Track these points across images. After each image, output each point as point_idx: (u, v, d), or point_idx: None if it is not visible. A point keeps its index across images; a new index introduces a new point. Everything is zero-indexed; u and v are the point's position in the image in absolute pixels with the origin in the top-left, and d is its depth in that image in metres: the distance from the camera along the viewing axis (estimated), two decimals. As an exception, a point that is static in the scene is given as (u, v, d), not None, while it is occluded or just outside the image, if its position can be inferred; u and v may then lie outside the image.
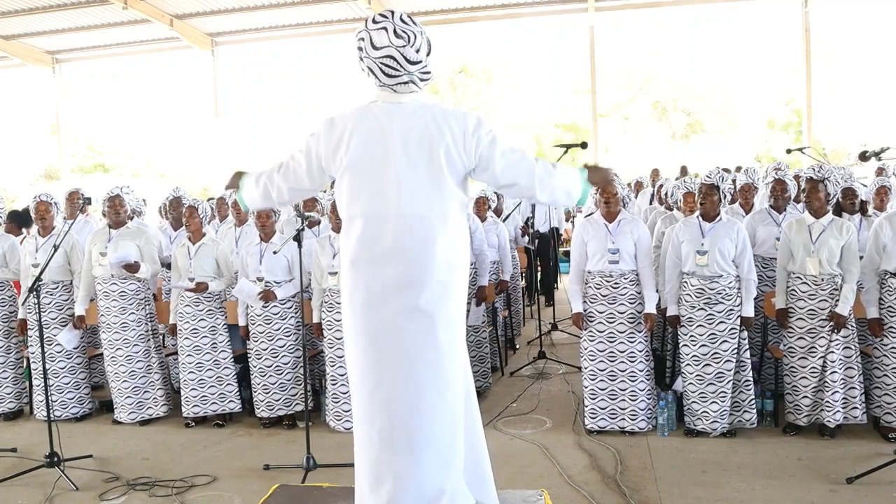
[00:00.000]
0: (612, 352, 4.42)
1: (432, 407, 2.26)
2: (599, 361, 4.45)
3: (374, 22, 2.26)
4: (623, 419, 4.41)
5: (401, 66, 2.25)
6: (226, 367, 4.97)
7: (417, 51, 2.26)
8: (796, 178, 5.38)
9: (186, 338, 4.93)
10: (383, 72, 2.27)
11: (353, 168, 2.28)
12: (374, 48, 2.25)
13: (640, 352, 4.41)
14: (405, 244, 2.23)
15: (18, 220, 6.57)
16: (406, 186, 2.23)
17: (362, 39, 2.27)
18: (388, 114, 2.28)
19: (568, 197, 2.40)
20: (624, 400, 4.40)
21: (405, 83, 2.28)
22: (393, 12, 2.27)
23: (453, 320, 2.30)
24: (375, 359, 2.27)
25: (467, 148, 2.26)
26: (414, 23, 2.28)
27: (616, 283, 4.40)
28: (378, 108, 2.31)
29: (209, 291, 4.93)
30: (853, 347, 4.21)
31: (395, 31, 2.23)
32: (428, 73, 2.32)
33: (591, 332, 4.48)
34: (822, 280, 4.19)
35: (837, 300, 4.16)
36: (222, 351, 4.97)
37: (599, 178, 2.45)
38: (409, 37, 2.24)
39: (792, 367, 4.29)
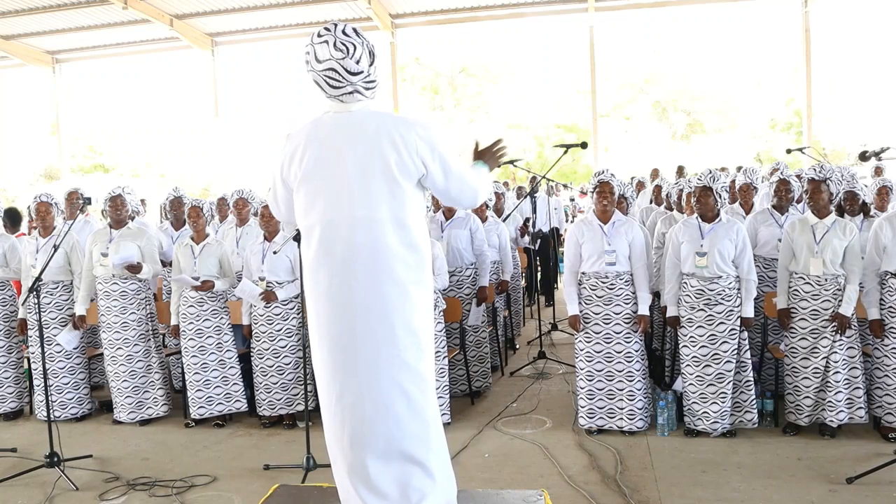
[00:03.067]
0: (608, 352, 4.42)
1: (400, 407, 2.29)
2: (597, 362, 4.44)
3: (319, 36, 2.31)
4: (621, 419, 4.41)
5: (343, 77, 2.30)
6: (231, 367, 4.97)
7: (357, 62, 2.30)
8: (798, 178, 5.38)
9: (191, 339, 4.93)
10: (328, 83, 2.32)
11: (307, 178, 2.33)
12: (318, 61, 2.30)
13: (637, 352, 4.40)
14: (359, 248, 2.26)
15: (12, 218, 6.57)
16: (358, 191, 2.27)
17: (308, 53, 2.33)
18: (338, 123, 2.34)
19: (484, 194, 2.53)
20: (622, 399, 4.40)
21: (350, 93, 2.33)
22: (336, 25, 2.31)
23: (413, 318, 2.31)
24: (339, 362, 2.31)
25: (419, 155, 2.30)
26: (357, 34, 2.32)
27: (612, 285, 4.40)
28: (329, 119, 2.36)
29: (212, 291, 4.93)
30: (856, 347, 4.21)
31: (334, 44, 2.27)
32: (372, 82, 2.36)
33: (586, 333, 4.47)
34: (826, 280, 4.19)
35: (840, 301, 4.16)
36: (227, 350, 4.97)
37: (490, 157, 2.61)
38: (347, 49, 2.28)
39: (794, 367, 4.29)
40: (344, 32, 2.29)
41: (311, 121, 2.39)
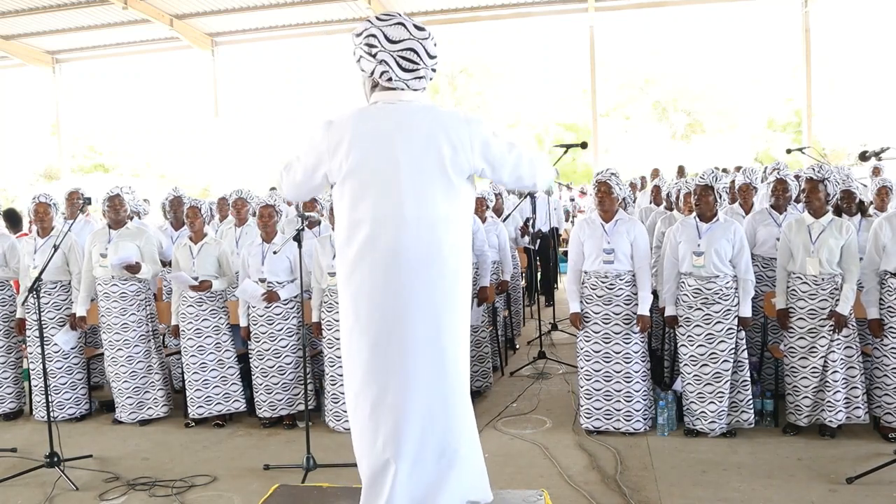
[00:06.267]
0: (607, 353, 4.42)
1: (438, 412, 2.24)
2: (595, 362, 4.45)
3: (381, 20, 2.22)
4: (618, 420, 4.41)
5: (421, 58, 2.22)
6: (230, 367, 4.97)
7: (435, 45, 2.26)
8: (796, 177, 5.38)
9: (190, 338, 4.94)
10: (400, 66, 2.21)
11: (356, 172, 2.23)
12: (391, 42, 2.20)
13: (636, 353, 4.40)
14: (409, 248, 2.19)
15: (11, 219, 6.57)
16: (410, 190, 2.19)
17: (373, 36, 2.21)
18: (389, 115, 2.24)
19: (545, 182, 2.45)
20: (619, 401, 4.40)
21: (420, 78, 2.25)
22: (399, 14, 2.25)
23: (457, 324, 2.28)
24: (380, 364, 2.24)
25: (473, 151, 2.23)
26: None
27: (612, 284, 4.40)
28: (378, 110, 2.26)
29: (211, 291, 4.93)
30: (854, 347, 4.22)
31: (414, 25, 2.22)
32: (435, 70, 2.31)
33: (586, 332, 4.48)
34: (823, 280, 4.19)
35: (838, 300, 4.16)
36: (226, 350, 4.97)
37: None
38: (427, 30, 2.23)
39: (793, 367, 4.29)
40: (410, 19, 2.24)
41: (357, 110, 2.28)
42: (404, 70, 2.22)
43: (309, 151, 2.34)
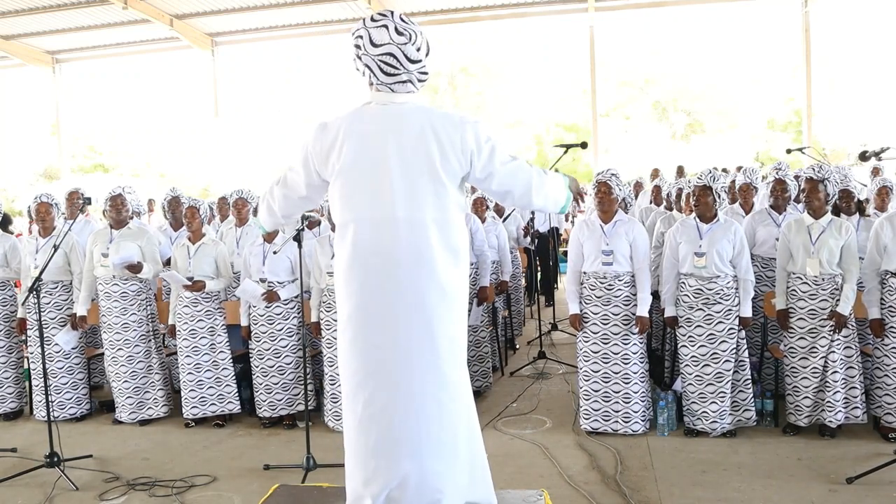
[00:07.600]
0: (605, 353, 4.42)
1: (431, 413, 2.23)
2: (594, 363, 4.44)
3: (373, 20, 2.23)
4: (616, 421, 4.41)
5: (401, 63, 2.22)
6: (224, 368, 4.97)
7: (418, 49, 2.24)
8: (796, 177, 5.38)
9: (185, 339, 4.93)
10: (382, 70, 2.22)
11: (347, 172, 2.24)
12: (374, 45, 2.21)
13: (635, 354, 4.40)
14: (401, 249, 2.19)
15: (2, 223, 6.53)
16: (401, 191, 2.19)
17: (360, 37, 2.24)
18: (382, 116, 2.24)
19: (556, 204, 2.39)
20: (617, 402, 4.40)
21: (403, 82, 2.24)
22: (392, 12, 2.24)
23: (452, 325, 2.27)
24: (372, 367, 2.23)
25: (465, 154, 2.23)
26: (413, 24, 2.25)
27: (610, 285, 4.40)
28: (372, 111, 2.26)
29: (207, 291, 4.92)
30: (854, 347, 4.22)
31: (395, 29, 2.20)
32: (426, 73, 2.29)
33: (585, 333, 4.47)
34: (823, 280, 4.19)
35: (838, 300, 4.16)
36: (221, 352, 4.97)
37: (575, 188, 2.48)
38: (410, 35, 2.21)
39: (793, 367, 4.29)
40: (402, 20, 2.23)
41: (351, 111, 2.28)
42: (385, 74, 2.23)
43: (306, 154, 2.34)
